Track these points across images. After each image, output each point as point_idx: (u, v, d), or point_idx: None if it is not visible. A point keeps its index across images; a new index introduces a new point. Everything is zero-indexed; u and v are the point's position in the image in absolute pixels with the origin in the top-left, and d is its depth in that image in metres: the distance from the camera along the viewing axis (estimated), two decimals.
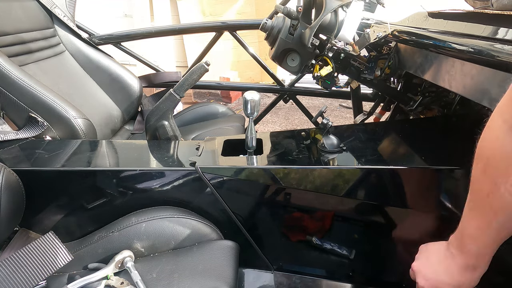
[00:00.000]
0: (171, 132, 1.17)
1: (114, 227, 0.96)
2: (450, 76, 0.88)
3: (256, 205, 1.01)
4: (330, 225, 1.01)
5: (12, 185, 0.88)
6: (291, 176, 0.93)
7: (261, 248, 1.03)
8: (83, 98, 1.48)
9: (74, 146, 1.11)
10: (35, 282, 0.80)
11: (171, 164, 0.99)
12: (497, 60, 0.68)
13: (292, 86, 1.97)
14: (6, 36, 1.27)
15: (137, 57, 1.97)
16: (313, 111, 2.01)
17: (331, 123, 0.97)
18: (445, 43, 0.85)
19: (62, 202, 1.00)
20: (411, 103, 1.28)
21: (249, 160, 0.98)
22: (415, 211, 0.95)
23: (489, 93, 0.74)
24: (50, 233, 0.87)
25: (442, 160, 0.90)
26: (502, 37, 0.72)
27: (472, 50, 0.75)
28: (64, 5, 1.62)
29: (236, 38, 1.89)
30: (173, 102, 1.15)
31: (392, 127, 1.21)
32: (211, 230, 0.98)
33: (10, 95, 1.16)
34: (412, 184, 0.92)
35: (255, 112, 0.97)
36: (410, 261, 0.69)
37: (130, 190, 0.99)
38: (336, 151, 0.97)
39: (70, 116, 1.20)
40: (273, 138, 1.10)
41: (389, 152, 1.01)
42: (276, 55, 1.17)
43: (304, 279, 1.06)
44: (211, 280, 0.84)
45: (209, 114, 1.82)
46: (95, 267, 0.91)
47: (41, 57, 1.43)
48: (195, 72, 1.15)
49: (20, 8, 1.39)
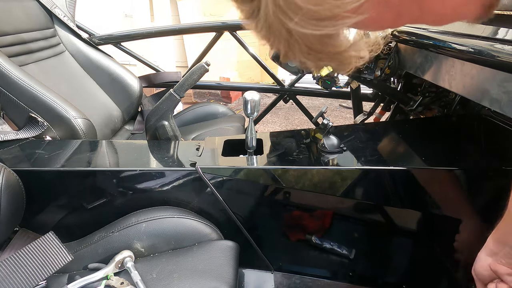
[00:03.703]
0: (171, 132, 1.17)
1: (114, 227, 0.96)
2: (450, 76, 0.89)
3: (256, 205, 1.01)
4: (330, 226, 1.01)
5: (12, 185, 0.88)
6: (291, 176, 0.93)
7: (261, 248, 1.03)
8: (83, 98, 1.48)
9: (74, 146, 1.11)
10: (35, 282, 0.80)
11: (171, 164, 0.99)
12: (497, 60, 0.68)
13: (292, 86, 1.97)
14: (6, 36, 1.27)
15: (137, 57, 1.97)
16: (313, 111, 2.01)
17: (331, 123, 0.96)
18: (445, 43, 0.85)
19: (62, 202, 1.00)
20: (411, 103, 1.28)
21: (249, 160, 0.98)
22: (416, 211, 0.95)
23: (489, 93, 0.74)
24: (50, 233, 0.87)
25: (442, 161, 0.90)
26: (502, 37, 0.72)
27: (472, 50, 0.75)
28: (64, 5, 1.62)
29: (236, 38, 1.89)
30: (173, 102, 1.16)
31: (392, 127, 1.21)
32: (211, 230, 0.98)
33: (10, 95, 1.16)
34: (412, 185, 0.92)
35: (255, 112, 0.97)
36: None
37: (130, 190, 0.99)
38: (337, 151, 0.97)
39: (70, 116, 1.20)
40: (273, 138, 1.10)
41: (389, 152, 1.01)
42: (276, 55, 1.17)
43: (304, 279, 1.06)
44: (211, 280, 0.84)
45: (209, 114, 1.82)
46: (95, 267, 0.91)
47: (41, 57, 1.43)
48: (195, 72, 1.15)
49: (20, 8, 1.39)
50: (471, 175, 0.87)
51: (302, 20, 0.33)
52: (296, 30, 0.34)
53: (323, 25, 0.33)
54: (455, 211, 0.93)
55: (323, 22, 0.33)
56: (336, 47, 0.38)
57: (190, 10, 3.90)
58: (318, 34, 0.34)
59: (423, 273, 1.01)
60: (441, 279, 1.01)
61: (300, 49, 0.37)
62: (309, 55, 0.38)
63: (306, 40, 0.36)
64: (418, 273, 1.02)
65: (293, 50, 0.38)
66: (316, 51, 0.37)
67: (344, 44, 0.39)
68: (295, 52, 0.38)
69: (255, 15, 0.36)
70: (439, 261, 0.97)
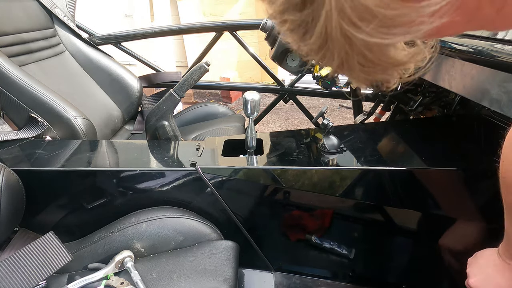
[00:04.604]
0: (171, 132, 1.17)
1: (114, 227, 0.96)
2: (450, 76, 0.88)
3: (256, 206, 1.01)
4: (330, 226, 1.01)
5: (12, 185, 0.88)
6: (291, 176, 0.93)
7: (261, 248, 1.03)
8: (83, 98, 1.48)
9: (74, 146, 1.11)
10: (35, 282, 0.80)
11: (171, 164, 0.99)
12: (497, 60, 0.68)
13: (292, 86, 1.97)
14: (6, 36, 1.27)
15: (137, 57, 1.97)
16: (313, 111, 2.01)
17: (331, 123, 0.96)
18: (445, 43, 0.85)
19: (62, 202, 1.00)
20: (411, 103, 1.28)
21: (249, 160, 0.98)
22: (416, 211, 0.95)
23: (489, 93, 0.74)
24: (50, 233, 0.87)
25: (442, 161, 0.90)
26: (502, 37, 0.72)
27: (472, 50, 0.75)
28: (64, 5, 1.62)
29: (236, 38, 1.89)
30: (173, 102, 1.16)
31: (392, 127, 1.21)
32: (211, 230, 0.98)
33: (10, 95, 1.16)
34: (412, 185, 0.92)
35: (255, 112, 0.97)
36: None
37: (130, 190, 0.99)
38: (337, 151, 0.97)
39: (70, 116, 1.20)
40: (273, 138, 1.10)
41: (389, 152, 1.01)
42: (276, 55, 1.17)
43: (304, 279, 1.06)
44: (211, 280, 0.84)
45: (209, 114, 1.82)
46: (95, 267, 0.91)
47: (41, 57, 1.43)
48: (195, 72, 1.15)
49: (20, 8, 1.39)
50: (471, 175, 0.87)
51: (373, 29, 0.29)
52: (362, 40, 0.30)
53: (394, 32, 0.30)
54: (454, 211, 0.93)
55: (395, 30, 0.29)
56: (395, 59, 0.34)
57: (190, 10, 3.90)
58: (385, 43, 0.30)
59: (423, 273, 1.01)
60: (441, 279, 1.01)
61: (359, 62, 0.33)
62: (365, 68, 0.34)
63: (368, 51, 0.32)
64: (418, 273, 1.02)
65: (350, 63, 0.33)
66: (374, 63, 0.33)
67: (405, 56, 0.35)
68: (351, 65, 0.34)
69: (305, 26, 0.32)
70: (439, 261, 0.97)
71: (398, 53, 0.34)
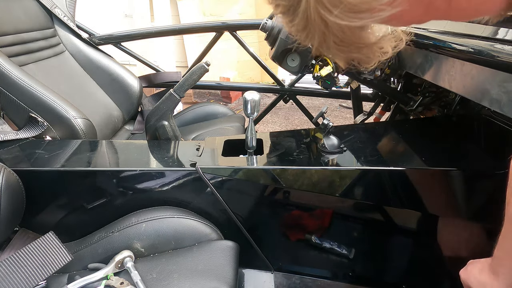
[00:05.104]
0: (171, 132, 1.17)
1: (114, 227, 0.96)
2: (450, 76, 0.88)
3: (256, 206, 1.01)
4: (330, 226, 1.01)
5: (12, 185, 0.88)
6: (291, 176, 0.93)
7: (261, 248, 1.03)
8: (83, 98, 1.48)
9: (74, 146, 1.11)
10: (35, 282, 0.80)
11: (171, 164, 0.99)
12: (497, 60, 0.68)
13: (292, 86, 1.97)
14: (6, 36, 1.27)
15: (137, 57, 1.97)
16: (313, 111, 2.01)
17: (331, 123, 0.96)
18: (445, 43, 0.85)
19: (62, 202, 1.00)
20: (411, 103, 1.28)
21: (249, 161, 0.98)
22: (415, 211, 0.95)
23: (489, 93, 0.74)
24: (50, 233, 0.87)
25: (442, 161, 0.90)
26: (502, 37, 0.72)
27: (472, 50, 0.75)
28: (64, 5, 1.62)
29: (236, 38, 1.89)
30: (173, 102, 1.15)
31: (392, 127, 1.21)
32: (211, 230, 0.98)
33: (10, 95, 1.16)
34: (412, 185, 0.92)
35: (255, 112, 0.97)
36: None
37: (130, 190, 0.99)
38: (337, 151, 0.97)
39: (70, 116, 1.20)
40: (273, 138, 1.10)
41: (389, 152, 1.01)
42: (276, 55, 1.17)
43: (304, 279, 1.06)
44: (211, 280, 0.84)
45: (209, 114, 1.82)
46: (95, 267, 0.91)
47: (41, 57, 1.43)
48: (195, 72, 1.15)
49: (20, 8, 1.39)
50: (470, 175, 0.87)
51: (341, 12, 0.36)
52: (334, 22, 0.37)
53: (360, 17, 0.37)
54: (454, 211, 0.93)
55: (360, 14, 0.37)
56: (366, 40, 0.42)
57: (190, 10, 3.90)
58: (354, 25, 0.37)
59: (423, 273, 1.01)
60: (440, 279, 1.01)
61: (334, 41, 0.41)
62: (340, 47, 0.42)
63: (341, 32, 0.39)
64: (418, 273, 1.02)
65: (327, 42, 0.41)
66: (347, 43, 0.41)
67: (374, 38, 0.43)
68: (328, 44, 0.41)
69: (292, 10, 0.40)
70: (439, 261, 0.97)
71: (367, 35, 0.42)
